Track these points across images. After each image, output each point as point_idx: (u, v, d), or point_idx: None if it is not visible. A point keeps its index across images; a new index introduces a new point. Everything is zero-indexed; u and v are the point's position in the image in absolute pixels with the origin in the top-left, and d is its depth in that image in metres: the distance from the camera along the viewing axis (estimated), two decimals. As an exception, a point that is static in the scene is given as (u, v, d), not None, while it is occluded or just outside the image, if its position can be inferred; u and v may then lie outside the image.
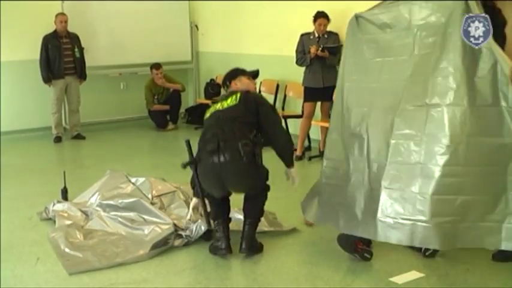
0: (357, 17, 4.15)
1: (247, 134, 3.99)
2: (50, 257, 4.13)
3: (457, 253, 3.99)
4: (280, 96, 8.00)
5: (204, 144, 4.03)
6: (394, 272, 3.78)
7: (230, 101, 4.16)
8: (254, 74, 4.55)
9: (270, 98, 6.99)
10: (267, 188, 4.18)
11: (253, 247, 4.12)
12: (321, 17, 6.68)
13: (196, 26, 10.02)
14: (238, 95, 4.18)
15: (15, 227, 4.77)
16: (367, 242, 4.03)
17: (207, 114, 4.24)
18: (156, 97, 9.22)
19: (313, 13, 6.74)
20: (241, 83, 4.41)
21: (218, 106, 4.21)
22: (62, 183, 5.22)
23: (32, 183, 6.18)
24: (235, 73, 4.50)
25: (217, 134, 3.96)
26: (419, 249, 3.97)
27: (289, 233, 4.48)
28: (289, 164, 4.31)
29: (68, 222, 4.62)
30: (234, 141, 3.91)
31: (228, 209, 4.20)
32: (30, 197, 5.57)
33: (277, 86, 7.99)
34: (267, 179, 4.17)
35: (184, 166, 4.17)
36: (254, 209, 4.15)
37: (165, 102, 9.27)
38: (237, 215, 4.38)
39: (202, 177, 4.10)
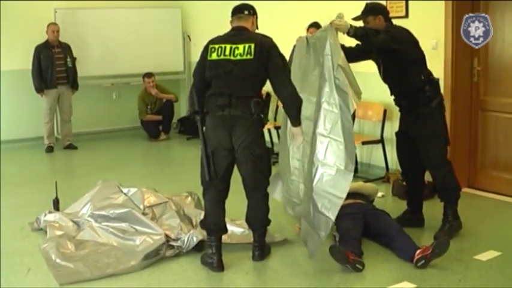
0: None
1: (258, 93, 4.04)
2: (41, 268, 4.11)
3: (449, 264, 4.00)
4: (272, 106, 7.98)
5: (212, 97, 4.00)
6: (386, 283, 3.78)
7: (243, 52, 3.94)
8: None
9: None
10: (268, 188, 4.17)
11: (264, 253, 4.22)
12: (313, 26, 6.72)
13: (189, 37, 10.03)
14: (253, 46, 3.93)
15: (6, 237, 4.75)
16: (359, 253, 4.04)
17: (213, 56, 3.99)
18: (149, 107, 9.22)
19: (306, 23, 6.77)
20: (256, 23, 4.26)
21: (227, 51, 3.97)
22: (53, 193, 5.20)
23: (24, 193, 6.16)
24: (254, 10, 4.24)
25: (229, 93, 3.94)
26: (411, 260, 3.98)
27: (280, 244, 4.46)
28: (293, 121, 4.07)
29: (59, 232, 4.60)
30: (245, 99, 3.95)
31: (222, 220, 4.11)
32: (22, 207, 5.55)
33: (269, 95, 7.94)
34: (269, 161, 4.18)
35: (191, 114, 4.14)
36: (261, 220, 4.16)
37: (158, 113, 9.27)
38: (229, 227, 4.34)
39: (210, 127, 4.04)
